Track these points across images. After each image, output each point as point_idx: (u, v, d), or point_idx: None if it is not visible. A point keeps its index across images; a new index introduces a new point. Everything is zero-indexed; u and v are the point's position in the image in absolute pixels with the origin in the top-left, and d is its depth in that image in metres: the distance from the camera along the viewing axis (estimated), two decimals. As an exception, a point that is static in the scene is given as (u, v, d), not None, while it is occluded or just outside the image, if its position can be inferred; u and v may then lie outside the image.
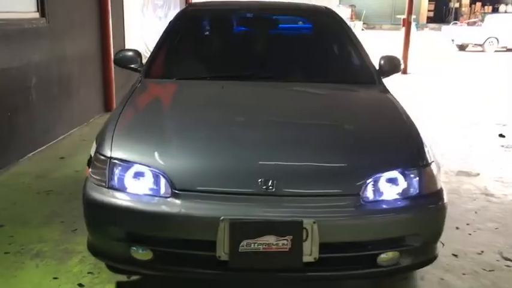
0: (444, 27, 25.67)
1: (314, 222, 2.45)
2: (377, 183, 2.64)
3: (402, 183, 2.67)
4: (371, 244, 2.61)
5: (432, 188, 2.73)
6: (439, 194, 2.75)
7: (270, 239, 2.46)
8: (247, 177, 2.58)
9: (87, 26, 6.99)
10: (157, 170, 2.63)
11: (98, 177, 2.72)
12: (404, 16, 14.41)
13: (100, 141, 2.87)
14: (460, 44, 22.42)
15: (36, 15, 5.68)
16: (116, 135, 2.83)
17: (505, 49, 21.88)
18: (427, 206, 2.69)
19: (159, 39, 4.11)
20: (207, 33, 4.57)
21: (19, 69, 5.19)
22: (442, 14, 37.45)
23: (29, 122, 5.39)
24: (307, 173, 2.66)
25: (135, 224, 2.62)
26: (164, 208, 2.55)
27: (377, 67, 3.95)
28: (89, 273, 3.16)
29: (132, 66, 4.01)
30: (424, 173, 2.72)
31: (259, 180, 2.55)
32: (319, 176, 2.64)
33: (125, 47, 7.78)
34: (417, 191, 2.68)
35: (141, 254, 2.62)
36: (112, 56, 7.32)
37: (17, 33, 5.15)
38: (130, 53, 4.05)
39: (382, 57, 4.03)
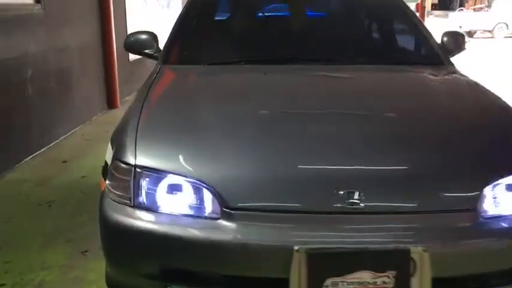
0: (451, 13, 25.17)
1: (424, 250, 1.78)
2: (495, 193, 1.96)
3: None
4: (495, 276, 1.93)
5: None
6: None
7: (365, 276, 1.78)
8: (325, 187, 1.90)
9: (87, 15, 6.44)
10: (199, 182, 1.95)
11: (119, 193, 2.04)
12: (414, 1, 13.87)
13: (118, 144, 2.19)
14: (468, 30, 21.88)
15: (31, 0, 5.06)
16: (140, 137, 2.14)
17: (512, 35, 21.47)
18: None
19: (180, 16, 3.45)
20: (239, 8, 3.83)
21: (12, 61, 4.59)
22: (446, 0, 36.70)
23: (26, 121, 4.82)
24: (404, 181, 1.97)
25: (172, 256, 1.93)
26: (212, 234, 1.87)
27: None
28: (106, 311, 2.49)
29: (147, 51, 3.34)
30: None
31: (340, 192, 1.87)
32: (421, 185, 1.96)
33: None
34: None
35: (181, 295, 1.94)
36: (114, 48, 6.94)
37: (8, 20, 4.54)
38: (144, 36, 3.38)
39: (445, 34, 3.44)
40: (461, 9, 27.33)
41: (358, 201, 1.85)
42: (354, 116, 2.37)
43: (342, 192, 1.87)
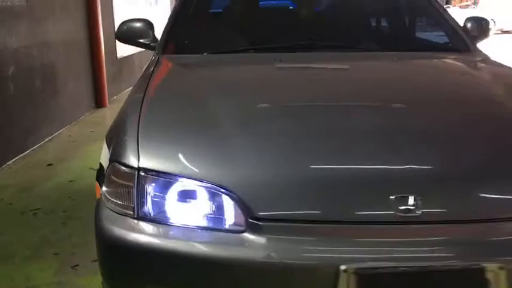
0: (439, 11, 25.26)
1: (501, 268, 1.47)
2: None
3: None
4: None
5: None
6: None
7: None
8: (373, 192, 1.58)
9: (72, 9, 6.10)
10: (217, 186, 1.62)
11: (119, 201, 1.70)
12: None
13: (117, 144, 1.85)
14: (456, 27, 21.97)
15: (12, -9, 4.71)
16: (142, 134, 1.80)
17: (500, 32, 21.47)
18: None
19: (179, 1, 3.15)
20: None
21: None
22: (432, -2, 36.84)
23: (8, 122, 4.48)
24: (470, 182, 1.65)
25: (185, 279, 1.60)
26: (235, 251, 1.54)
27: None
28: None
29: (142, 41, 3.02)
30: None
31: (391, 197, 1.55)
32: (491, 186, 1.64)
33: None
34: None
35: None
36: (102, 44, 6.64)
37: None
38: (138, 24, 3.05)
39: (468, 19, 3.20)
40: (448, 7, 27.42)
41: (414, 209, 1.53)
42: (395, 109, 2.06)
43: (393, 197, 1.54)
